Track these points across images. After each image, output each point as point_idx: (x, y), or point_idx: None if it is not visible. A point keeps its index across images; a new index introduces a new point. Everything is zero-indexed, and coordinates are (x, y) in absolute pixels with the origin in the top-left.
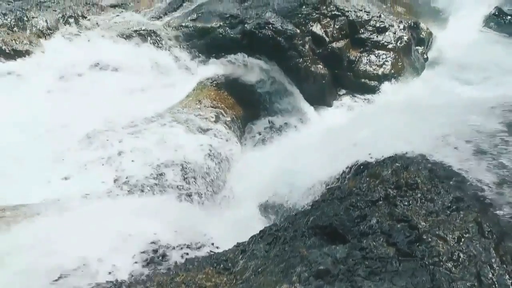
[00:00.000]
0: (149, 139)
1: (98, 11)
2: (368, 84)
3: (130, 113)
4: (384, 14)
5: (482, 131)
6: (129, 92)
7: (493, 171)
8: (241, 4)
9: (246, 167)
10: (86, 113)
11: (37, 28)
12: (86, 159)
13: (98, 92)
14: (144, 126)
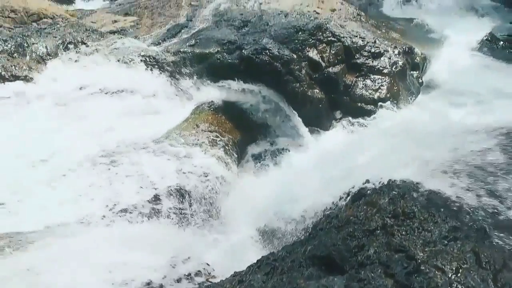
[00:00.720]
0: (146, 164)
1: (98, 37)
2: (365, 108)
3: (127, 138)
4: (379, 39)
5: (478, 158)
6: (126, 117)
7: (489, 199)
8: (238, 31)
9: (243, 191)
10: (83, 138)
11: (37, 54)
12: (82, 185)
13: (96, 117)
14: (141, 151)
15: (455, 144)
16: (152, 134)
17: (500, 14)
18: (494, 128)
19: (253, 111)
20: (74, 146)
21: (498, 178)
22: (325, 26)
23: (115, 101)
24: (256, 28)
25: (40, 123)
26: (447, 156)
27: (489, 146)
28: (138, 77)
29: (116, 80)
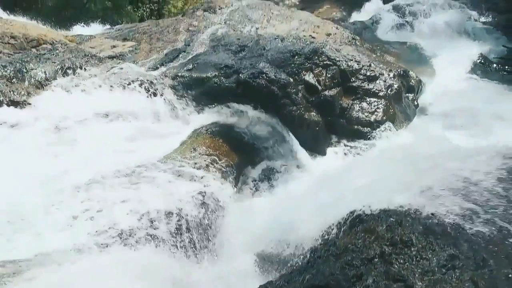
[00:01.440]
0: (142, 189)
1: (97, 62)
2: (361, 130)
3: (124, 163)
4: (374, 63)
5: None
6: (124, 141)
7: (487, 226)
8: (235, 55)
9: (241, 215)
10: (80, 163)
11: (35, 79)
12: (78, 211)
13: (93, 142)
14: (138, 176)
15: (452, 169)
16: (149, 158)
17: (492, 36)
18: (491, 153)
19: (250, 134)
20: (70, 171)
21: (495, 205)
22: (321, 50)
23: (112, 126)
24: (253, 53)
25: (37, 148)
26: (444, 181)
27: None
28: (135, 102)
29: (114, 105)
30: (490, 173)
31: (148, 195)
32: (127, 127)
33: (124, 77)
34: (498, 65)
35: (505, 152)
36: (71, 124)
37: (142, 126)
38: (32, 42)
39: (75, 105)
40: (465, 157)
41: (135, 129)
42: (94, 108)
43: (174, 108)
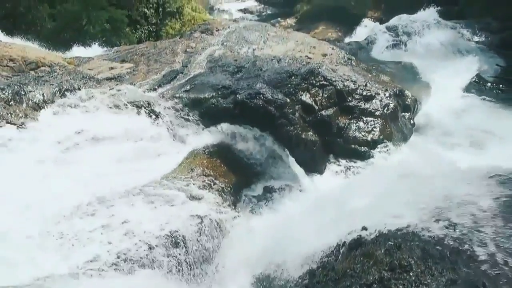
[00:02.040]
0: (139, 211)
1: (95, 84)
2: (358, 149)
3: (121, 184)
4: (370, 83)
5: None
6: (120, 163)
7: (486, 249)
8: (233, 76)
9: (239, 236)
10: (77, 184)
11: (33, 101)
12: (75, 234)
13: (89, 163)
14: (135, 197)
15: (450, 191)
16: (146, 180)
17: (485, 56)
18: (488, 173)
19: (247, 154)
20: (66, 193)
21: (493, 228)
22: (317, 71)
23: (109, 147)
24: (250, 74)
25: (34, 170)
26: (442, 203)
27: (484, 193)
28: (133, 123)
29: (111, 126)
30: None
31: (145, 217)
32: (124, 148)
33: (121, 99)
34: (493, 84)
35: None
36: (68, 146)
37: (140, 147)
38: (31, 64)
39: (72, 126)
40: (462, 178)
41: (132, 150)
42: (91, 130)
43: (172, 128)
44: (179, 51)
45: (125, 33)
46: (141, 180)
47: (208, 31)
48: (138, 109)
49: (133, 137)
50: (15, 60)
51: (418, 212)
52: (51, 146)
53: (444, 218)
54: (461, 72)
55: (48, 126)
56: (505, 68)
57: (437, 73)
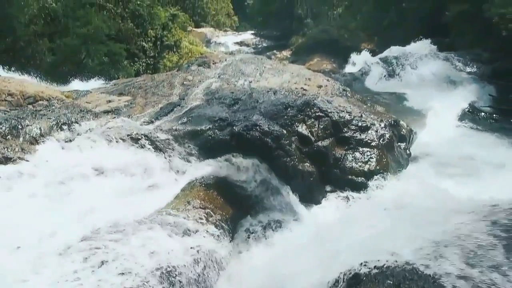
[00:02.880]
0: (135, 245)
1: (92, 117)
2: (355, 180)
3: (116, 219)
4: (365, 113)
5: (473, 239)
6: (116, 196)
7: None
8: (229, 108)
9: (236, 270)
10: (71, 219)
11: (30, 135)
12: (67, 271)
13: (85, 197)
14: (130, 231)
15: (449, 225)
16: (142, 213)
17: (477, 86)
18: (486, 206)
19: (244, 186)
20: (61, 229)
21: (492, 263)
22: (312, 102)
23: (105, 181)
24: (247, 106)
25: (29, 205)
26: (441, 238)
27: (483, 227)
28: (129, 156)
29: (108, 159)
30: (485, 229)
31: (141, 252)
32: (121, 181)
33: (118, 132)
34: (486, 113)
35: (498, 205)
36: (64, 180)
37: (136, 180)
38: (29, 99)
39: (68, 160)
40: (461, 210)
41: (129, 183)
42: (87, 163)
43: (169, 161)
44: (176, 84)
45: (123, 66)
46: (137, 214)
47: (205, 64)
48: (135, 142)
49: (130, 170)
50: (13, 94)
51: (417, 248)
52: (47, 180)
53: (443, 255)
54: (455, 102)
55: (44, 160)
56: (498, 98)
57: (431, 103)
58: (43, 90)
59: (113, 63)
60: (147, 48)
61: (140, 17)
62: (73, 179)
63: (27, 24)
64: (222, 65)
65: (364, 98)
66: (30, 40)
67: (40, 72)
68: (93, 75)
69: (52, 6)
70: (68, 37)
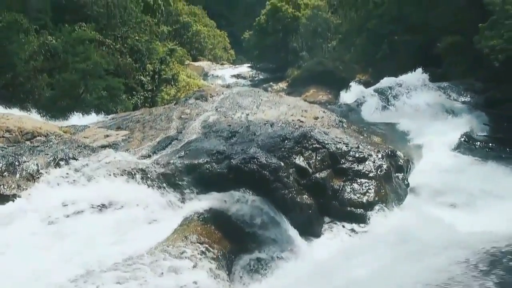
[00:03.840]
0: (131, 283)
1: (89, 152)
2: (354, 212)
3: (113, 255)
4: (362, 144)
5: (476, 281)
6: (113, 233)
7: None
8: (227, 141)
9: None
10: (67, 257)
11: (27, 171)
12: None
13: (82, 234)
14: (126, 269)
15: (451, 262)
16: (139, 250)
17: (472, 115)
18: (487, 240)
19: (243, 219)
20: (57, 267)
21: None
22: (309, 134)
23: (102, 217)
24: (244, 138)
25: (24, 243)
26: (443, 277)
27: (487, 262)
28: (127, 191)
29: (105, 195)
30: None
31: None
32: (118, 218)
33: (116, 167)
34: (482, 143)
35: (498, 239)
36: (60, 217)
37: (133, 215)
38: (27, 135)
39: (65, 197)
40: (462, 245)
41: (126, 219)
42: (84, 200)
43: (166, 195)
44: (174, 118)
45: (122, 99)
46: (133, 250)
47: (203, 97)
48: (132, 177)
49: (127, 205)
50: (11, 131)
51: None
52: (43, 218)
53: None
54: (451, 132)
55: (40, 197)
56: (492, 126)
57: (427, 133)
58: (41, 125)
59: (111, 97)
60: (145, 82)
61: (139, 52)
62: (69, 216)
63: (27, 60)
64: (219, 98)
65: (361, 128)
66: (30, 76)
67: (38, 107)
68: (92, 109)
69: (52, 43)
70: (67, 72)
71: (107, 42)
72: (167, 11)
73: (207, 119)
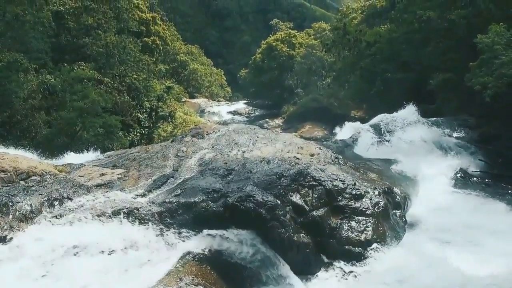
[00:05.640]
0: None
1: (84, 192)
2: (353, 251)
3: None
4: (358, 181)
5: None
6: (107, 274)
7: None
8: (223, 179)
9: None
10: None
11: (20, 212)
12: None
13: (75, 276)
14: None
15: None
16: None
17: (467, 151)
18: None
19: (239, 259)
20: None
21: None
22: (306, 171)
23: (96, 258)
24: (240, 176)
25: (16, 285)
26: None
27: None
28: (120, 231)
29: (98, 236)
30: None
31: None
32: (113, 259)
33: (110, 206)
34: (478, 178)
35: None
36: (53, 259)
37: (127, 255)
38: (22, 174)
39: (58, 238)
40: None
41: (119, 260)
42: (78, 241)
43: (161, 235)
44: (170, 155)
45: (118, 137)
46: None
47: (199, 135)
48: (127, 217)
49: (120, 246)
50: (6, 171)
51: None
52: (36, 260)
53: None
54: (446, 168)
55: (33, 239)
56: (488, 162)
57: (423, 169)
58: (36, 165)
59: (108, 134)
60: (142, 119)
61: (136, 89)
62: (62, 258)
63: (25, 99)
64: (215, 136)
65: (357, 165)
66: (27, 114)
67: (35, 145)
68: (88, 147)
69: (51, 81)
70: (65, 110)
71: (106, 81)
72: (165, 50)
73: (203, 156)
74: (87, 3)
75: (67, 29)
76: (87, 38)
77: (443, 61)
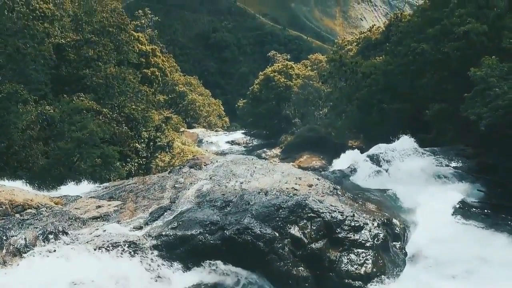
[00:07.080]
0: None
1: (80, 225)
2: (352, 284)
3: None
4: (357, 212)
5: None
6: None
7: None
8: (220, 211)
9: None
10: None
11: (14, 246)
12: None
13: None
14: None
15: None
16: None
17: (466, 181)
18: None
19: None
20: None
21: None
22: (304, 203)
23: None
24: (238, 208)
25: None
26: None
27: None
28: (115, 265)
29: (92, 271)
30: None
31: None
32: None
33: (105, 240)
34: (477, 209)
35: None
36: None
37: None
38: (18, 207)
39: (51, 273)
40: None
41: None
42: (72, 276)
43: (157, 269)
44: (167, 187)
45: (116, 167)
46: None
47: (197, 165)
48: (122, 251)
49: (114, 281)
50: (2, 204)
51: None
52: None
53: None
54: (445, 198)
55: (26, 274)
56: (487, 192)
57: (422, 199)
58: (32, 198)
59: (105, 165)
60: (140, 149)
61: (135, 120)
62: None
63: (23, 130)
64: (213, 167)
65: (355, 195)
66: (25, 145)
67: (31, 176)
68: (85, 177)
69: (50, 112)
70: (63, 141)
71: (104, 111)
72: (163, 81)
73: (201, 188)
74: (88, 36)
75: (67, 61)
76: (87, 69)
77: (438, 92)
